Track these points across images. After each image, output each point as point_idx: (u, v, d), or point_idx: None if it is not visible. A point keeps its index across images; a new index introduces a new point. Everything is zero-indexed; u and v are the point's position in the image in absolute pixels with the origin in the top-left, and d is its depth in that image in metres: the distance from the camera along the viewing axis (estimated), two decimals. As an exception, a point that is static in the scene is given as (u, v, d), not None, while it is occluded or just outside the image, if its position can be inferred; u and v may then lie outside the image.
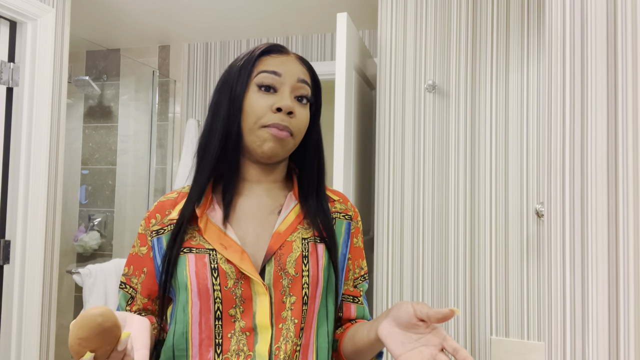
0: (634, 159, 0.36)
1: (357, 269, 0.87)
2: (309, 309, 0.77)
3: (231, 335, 0.74)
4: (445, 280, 1.68)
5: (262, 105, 0.76)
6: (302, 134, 0.80)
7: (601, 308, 0.37)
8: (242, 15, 2.39)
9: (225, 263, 0.74)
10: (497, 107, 1.67)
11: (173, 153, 2.83)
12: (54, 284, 1.88)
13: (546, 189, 0.40)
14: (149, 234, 0.83)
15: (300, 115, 0.79)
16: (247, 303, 0.74)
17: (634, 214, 0.36)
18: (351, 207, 0.89)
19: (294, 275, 0.76)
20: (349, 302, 0.86)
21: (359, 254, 0.88)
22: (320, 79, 1.02)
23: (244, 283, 0.74)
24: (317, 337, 0.78)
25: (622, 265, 0.35)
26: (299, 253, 0.77)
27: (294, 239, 0.78)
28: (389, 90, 1.77)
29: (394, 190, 1.74)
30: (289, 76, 0.78)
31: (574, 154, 0.39)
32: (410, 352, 0.61)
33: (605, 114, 0.37)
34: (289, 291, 0.75)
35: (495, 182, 1.65)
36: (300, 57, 0.84)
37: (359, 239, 0.89)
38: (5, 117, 1.76)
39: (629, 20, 0.36)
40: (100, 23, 2.54)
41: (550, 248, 0.40)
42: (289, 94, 0.78)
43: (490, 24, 1.69)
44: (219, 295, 0.74)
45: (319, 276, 0.77)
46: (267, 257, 0.76)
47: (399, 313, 0.64)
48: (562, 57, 0.41)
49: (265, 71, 0.78)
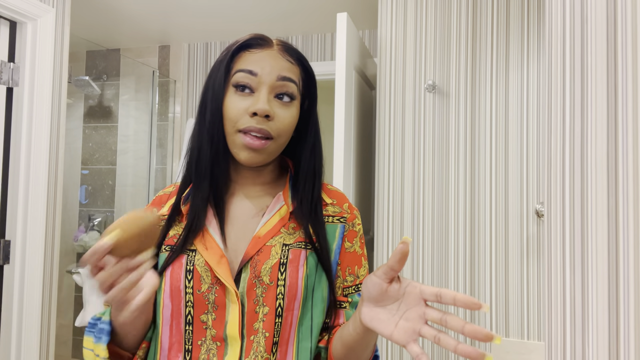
0: (634, 159, 0.36)
1: (349, 277, 0.78)
2: (284, 321, 0.70)
3: (201, 343, 0.69)
4: (445, 280, 1.68)
5: (238, 108, 0.71)
6: (286, 134, 0.74)
7: (601, 308, 0.37)
8: (242, 15, 2.40)
9: (201, 265, 0.70)
10: (497, 107, 1.67)
11: (173, 153, 2.83)
12: (54, 284, 1.88)
13: (546, 189, 0.40)
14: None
15: (280, 116, 0.72)
16: (220, 310, 0.69)
17: (634, 214, 0.36)
18: (348, 209, 0.80)
19: (268, 283, 0.69)
20: (337, 309, 0.77)
21: (352, 260, 0.78)
22: (320, 79, 0.95)
23: (218, 289, 0.69)
24: (297, 353, 0.71)
25: (622, 265, 0.35)
26: (276, 260, 0.71)
27: (273, 244, 0.72)
28: (389, 90, 1.77)
29: (394, 190, 1.74)
30: (266, 75, 0.72)
31: (574, 154, 0.39)
32: (396, 328, 0.56)
33: (605, 114, 0.37)
34: (262, 301, 0.69)
35: (495, 182, 1.65)
36: (285, 46, 0.76)
37: (355, 244, 0.79)
38: (5, 117, 1.76)
39: (629, 20, 0.36)
40: (100, 23, 2.54)
41: (550, 248, 0.40)
42: (267, 94, 0.71)
43: (490, 24, 1.69)
44: (190, 298, 0.69)
45: (297, 286, 0.70)
46: (243, 262, 0.71)
47: (368, 291, 0.58)
48: (562, 57, 0.41)
49: (241, 70, 0.72)
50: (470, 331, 0.51)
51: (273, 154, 0.74)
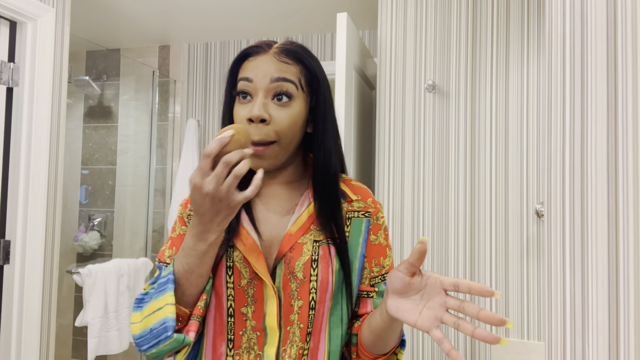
0: (634, 159, 0.36)
1: (375, 268, 0.83)
2: (317, 313, 0.76)
3: (242, 333, 0.75)
4: (445, 280, 1.68)
5: (240, 116, 0.75)
6: (290, 134, 0.75)
7: (601, 308, 0.37)
8: (242, 15, 2.39)
9: (240, 262, 0.76)
10: (497, 107, 1.67)
11: (173, 153, 2.83)
12: (54, 284, 1.88)
13: (546, 189, 0.40)
14: (186, 217, 0.84)
15: (278, 117, 0.74)
16: (259, 303, 0.75)
17: (634, 214, 0.36)
18: (372, 203, 0.85)
19: (301, 279, 0.75)
20: (364, 298, 0.83)
21: (377, 252, 0.83)
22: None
23: (257, 283, 0.75)
24: (329, 340, 0.78)
25: (622, 265, 0.35)
26: (309, 257, 0.76)
27: (305, 241, 0.77)
28: (389, 90, 1.77)
29: (394, 190, 1.74)
30: (260, 79, 0.74)
31: (574, 154, 0.39)
32: (420, 316, 0.61)
33: (605, 114, 0.37)
34: (297, 295, 0.75)
35: (495, 182, 1.65)
36: (282, 48, 0.78)
37: (379, 236, 0.84)
38: (5, 117, 1.76)
39: (629, 20, 0.36)
40: (100, 23, 2.54)
41: (550, 248, 0.40)
42: (263, 98, 0.74)
43: (490, 24, 1.69)
44: (231, 292, 0.75)
45: (328, 280, 0.76)
46: (278, 259, 0.76)
47: (392, 285, 0.63)
48: (562, 57, 0.41)
49: (241, 78, 0.76)
50: (485, 317, 0.56)
51: (280, 156, 0.76)
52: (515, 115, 1.65)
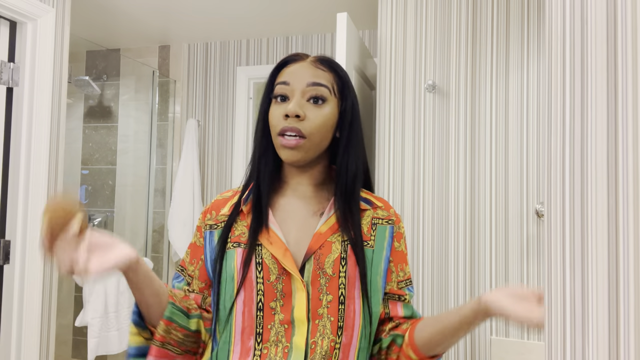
0: (634, 159, 0.36)
1: (401, 273, 0.89)
2: (347, 308, 0.80)
3: (271, 327, 0.79)
4: (445, 280, 1.68)
5: (276, 114, 0.83)
6: (320, 133, 0.83)
7: (601, 308, 0.37)
8: (242, 15, 2.40)
9: (269, 258, 0.80)
10: (497, 107, 1.67)
11: (173, 153, 2.83)
12: (54, 284, 1.88)
13: (546, 189, 0.40)
14: (204, 227, 0.89)
15: (312, 116, 0.82)
16: (287, 298, 0.79)
17: (634, 214, 0.36)
18: (394, 214, 0.92)
19: (331, 275, 0.80)
20: (394, 300, 0.88)
21: (401, 258, 0.90)
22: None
23: (285, 279, 0.80)
24: (360, 337, 0.81)
25: (622, 265, 0.35)
26: (338, 254, 0.81)
27: (334, 240, 0.83)
28: (389, 90, 1.77)
29: (394, 190, 1.74)
30: (297, 83, 0.83)
31: (574, 154, 0.39)
32: (514, 306, 0.71)
33: (605, 114, 0.37)
34: (325, 290, 0.80)
35: (495, 182, 1.65)
36: (318, 57, 0.87)
37: (402, 244, 0.91)
38: (5, 117, 1.76)
39: (629, 20, 0.36)
40: (100, 23, 2.54)
41: (550, 248, 0.40)
42: (300, 98, 0.82)
43: (490, 24, 1.69)
44: (261, 288, 0.79)
45: (356, 277, 0.81)
46: (307, 256, 0.81)
47: (508, 290, 0.74)
48: (562, 57, 0.41)
49: (279, 83, 0.84)
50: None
51: (310, 152, 0.83)
52: (515, 116, 1.65)
